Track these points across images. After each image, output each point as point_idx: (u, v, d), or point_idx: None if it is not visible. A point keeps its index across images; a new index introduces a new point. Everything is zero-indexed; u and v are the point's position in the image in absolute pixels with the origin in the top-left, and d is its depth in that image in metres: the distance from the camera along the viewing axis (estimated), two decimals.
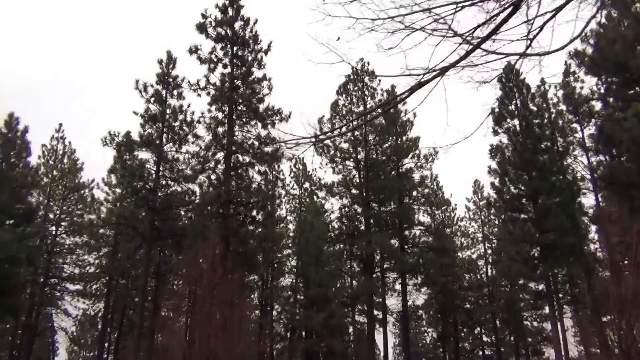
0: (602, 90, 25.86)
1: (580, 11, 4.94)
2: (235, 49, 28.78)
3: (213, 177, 27.43)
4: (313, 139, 5.56)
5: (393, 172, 34.46)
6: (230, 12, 28.79)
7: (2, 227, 28.98)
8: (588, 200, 28.85)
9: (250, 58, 28.98)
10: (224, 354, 20.63)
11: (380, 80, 35.82)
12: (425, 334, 58.02)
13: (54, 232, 36.90)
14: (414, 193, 35.34)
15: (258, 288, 36.08)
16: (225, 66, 28.52)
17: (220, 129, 27.81)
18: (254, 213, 28.11)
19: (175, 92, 29.27)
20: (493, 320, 43.42)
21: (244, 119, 28.59)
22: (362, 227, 34.58)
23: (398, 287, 37.69)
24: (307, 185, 40.82)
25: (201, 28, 28.35)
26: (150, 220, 27.60)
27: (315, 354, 25.96)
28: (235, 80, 28.28)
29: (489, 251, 44.96)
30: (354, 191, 34.38)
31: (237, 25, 28.84)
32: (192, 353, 20.37)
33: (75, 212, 37.20)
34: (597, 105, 27.64)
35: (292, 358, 29.70)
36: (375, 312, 40.60)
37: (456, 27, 5.12)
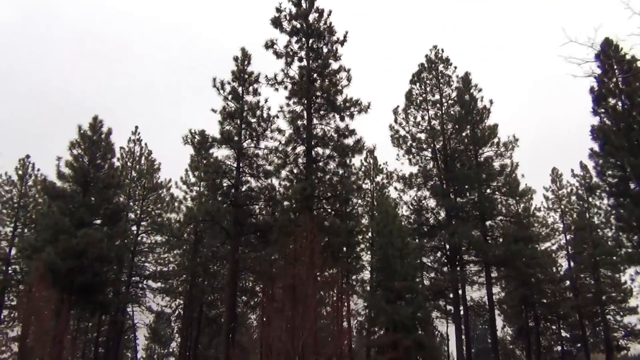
0: None
1: None
2: (310, 41, 28.45)
3: (295, 170, 27.21)
4: None
5: (472, 162, 33.33)
6: (303, 4, 28.49)
7: (90, 227, 29.95)
8: None
9: (325, 50, 28.55)
10: (321, 348, 20.39)
11: (455, 68, 34.76)
12: (499, 329, 55.95)
13: (135, 232, 37.91)
14: (494, 182, 33.99)
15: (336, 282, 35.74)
16: (301, 59, 28.25)
17: (299, 122, 27.54)
18: (337, 206, 27.71)
19: (250, 88, 29.27)
20: (578, 313, 41.31)
21: (321, 112, 28.21)
22: (441, 219, 33.67)
23: (478, 279, 36.49)
24: (378, 179, 40.12)
25: (276, 22, 28.21)
26: (233, 216, 27.75)
27: (406, 348, 25.28)
28: (313, 73, 27.96)
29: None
30: (431, 182, 33.43)
31: (312, 17, 28.49)
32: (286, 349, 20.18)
33: (155, 212, 38.08)
34: None
35: (380, 353, 29.17)
36: (449, 307, 39.66)
37: None
